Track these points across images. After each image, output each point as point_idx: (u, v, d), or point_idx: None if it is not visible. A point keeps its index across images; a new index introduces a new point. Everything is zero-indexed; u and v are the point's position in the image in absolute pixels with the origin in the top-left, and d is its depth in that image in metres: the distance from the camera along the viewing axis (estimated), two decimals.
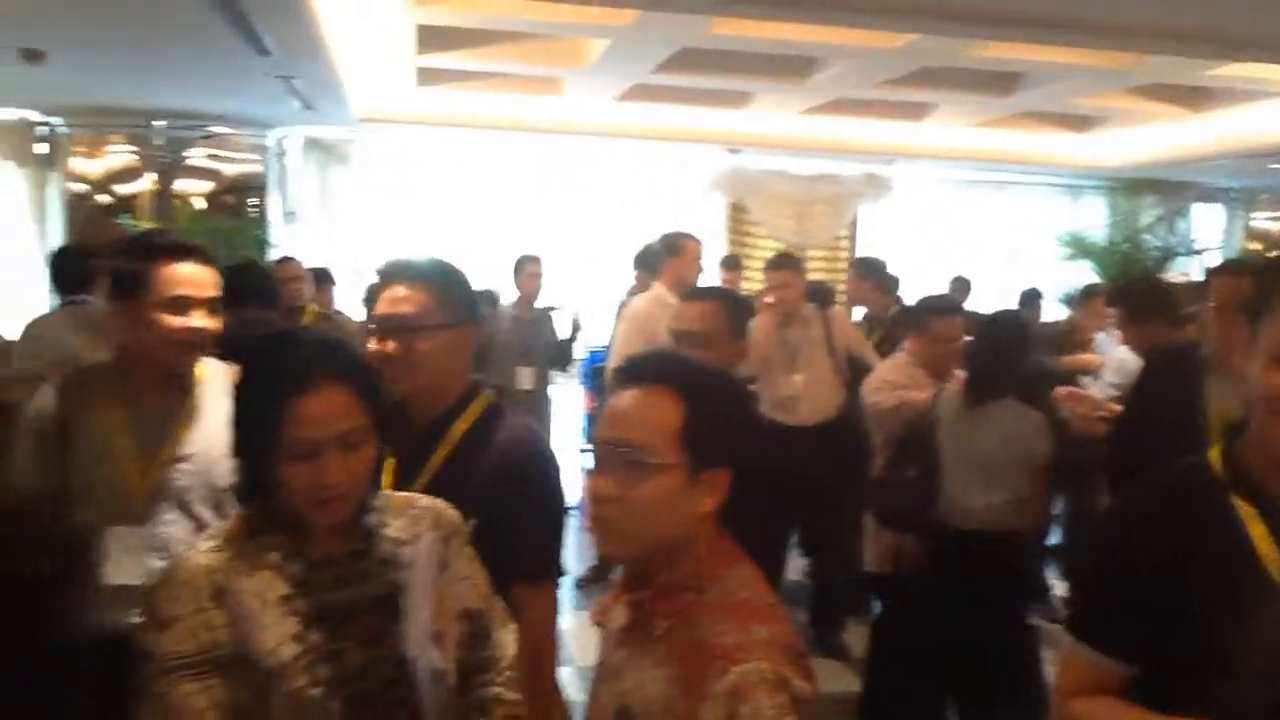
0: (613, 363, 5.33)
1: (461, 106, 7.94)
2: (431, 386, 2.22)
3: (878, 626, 4.37)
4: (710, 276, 6.86)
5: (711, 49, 6.16)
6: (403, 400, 2.22)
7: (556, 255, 7.69)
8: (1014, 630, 3.95)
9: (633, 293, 6.59)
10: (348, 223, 9.11)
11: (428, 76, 7.09)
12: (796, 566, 5.98)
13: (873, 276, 6.91)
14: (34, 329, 4.75)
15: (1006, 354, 3.94)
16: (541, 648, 2.14)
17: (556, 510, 2.23)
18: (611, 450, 1.57)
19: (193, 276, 2.39)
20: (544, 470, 2.21)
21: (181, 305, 2.37)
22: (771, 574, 1.80)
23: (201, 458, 2.38)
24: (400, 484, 2.06)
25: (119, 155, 8.09)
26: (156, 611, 1.64)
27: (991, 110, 7.83)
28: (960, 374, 4.08)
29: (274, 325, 3.69)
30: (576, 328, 7.00)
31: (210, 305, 2.42)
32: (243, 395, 1.72)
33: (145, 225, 7.30)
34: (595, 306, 7.41)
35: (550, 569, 2.21)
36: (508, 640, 1.90)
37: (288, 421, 1.62)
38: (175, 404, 2.43)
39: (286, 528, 1.70)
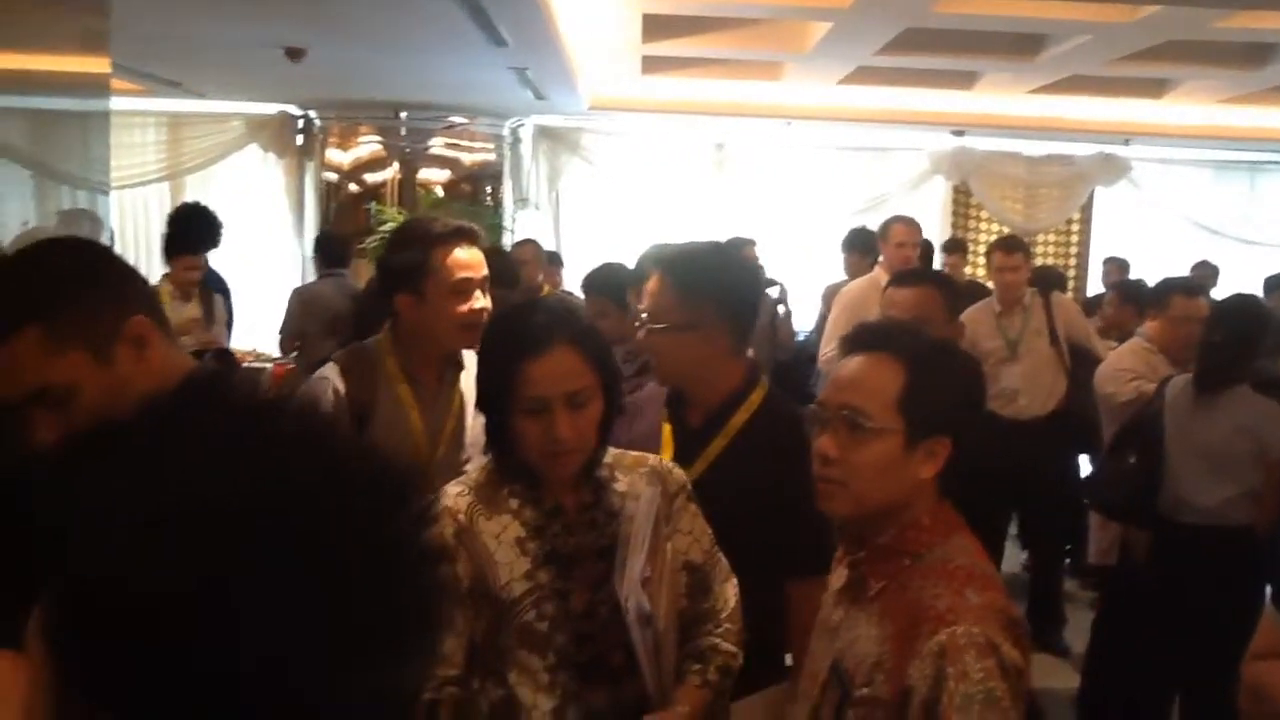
0: (825, 347, 5.34)
1: (685, 93, 8.11)
2: (701, 377, 2.27)
3: (1100, 621, 4.25)
4: (933, 261, 6.75)
5: (936, 28, 6.07)
6: (679, 388, 2.33)
7: (774, 239, 7.75)
8: (1244, 628, 3.76)
9: (849, 276, 6.56)
10: (575, 207, 9.44)
11: (652, 64, 7.28)
12: (1015, 560, 5.86)
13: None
14: (304, 293, 6.26)
15: (1242, 340, 3.74)
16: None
17: None
18: (834, 413, 1.65)
19: (471, 260, 2.49)
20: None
21: (464, 288, 2.46)
22: None
23: (476, 431, 2.49)
24: None
25: (367, 146, 8.68)
26: None
27: (1240, 85, 7.36)
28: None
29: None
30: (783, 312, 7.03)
31: (484, 286, 2.52)
32: (485, 357, 1.92)
33: (391, 212, 7.81)
34: (806, 290, 7.40)
35: (824, 565, 2.18)
36: (728, 594, 2.00)
37: (522, 380, 1.79)
38: (450, 381, 2.57)
39: (524, 478, 1.87)
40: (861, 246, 6.24)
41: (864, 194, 9.34)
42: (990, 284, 5.65)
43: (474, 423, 2.50)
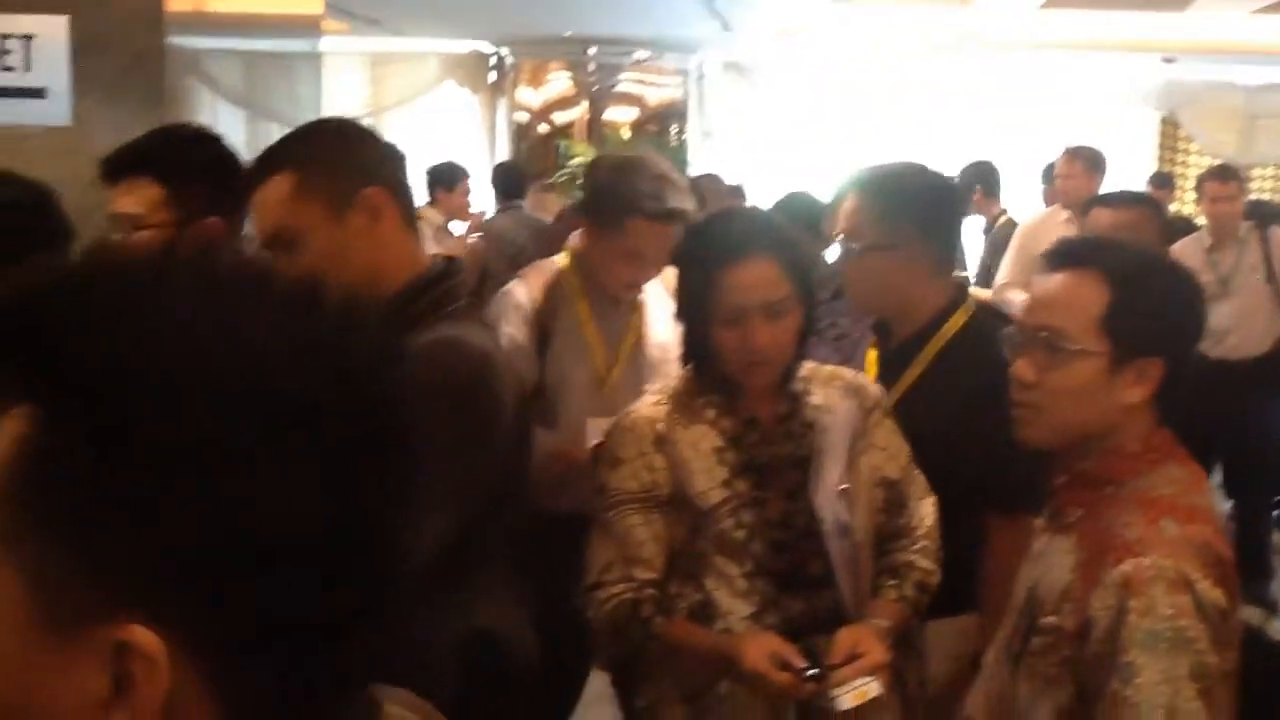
0: (1000, 279, 5.26)
1: (872, 22, 7.90)
2: (901, 300, 2.22)
3: None
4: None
5: None
6: (879, 314, 2.32)
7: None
8: None
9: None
10: (760, 142, 9.37)
11: None
12: (1220, 510, 5.59)
13: None
14: (487, 225, 6.42)
15: None
16: (1006, 577, 2.04)
17: None
18: (1032, 334, 1.58)
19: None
20: None
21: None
22: None
23: (656, 349, 2.58)
24: None
25: (557, 84, 8.82)
26: (610, 452, 1.91)
27: None
28: None
29: None
30: None
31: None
32: (683, 266, 1.94)
33: (581, 147, 7.94)
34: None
35: (1024, 499, 2.03)
36: (925, 511, 1.99)
37: (719, 289, 1.81)
38: (631, 300, 2.62)
39: (720, 388, 1.90)
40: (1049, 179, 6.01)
41: (1061, 127, 8.91)
42: (1200, 220, 5.35)
43: (658, 343, 2.58)
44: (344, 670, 0.59)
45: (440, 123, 9.08)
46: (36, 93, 2.53)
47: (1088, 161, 5.32)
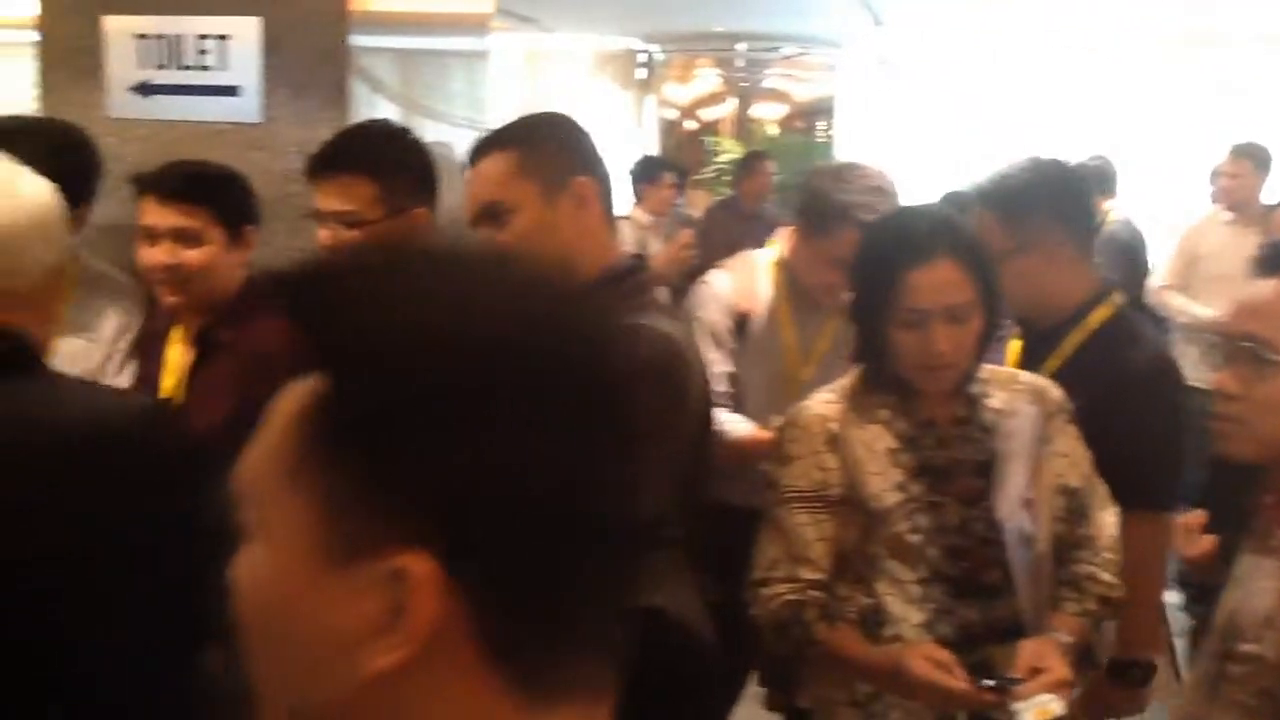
0: (1159, 281, 5.09)
1: (1028, 12, 7.65)
2: (1044, 297, 2.19)
3: None
4: None
5: None
6: (1026, 316, 2.27)
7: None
8: None
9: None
10: (907, 137, 9.19)
11: None
12: None
13: None
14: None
15: None
16: (1147, 579, 2.08)
17: (1174, 435, 2.13)
18: (1236, 344, 1.51)
19: None
20: (1162, 390, 2.11)
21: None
22: None
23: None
24: None
25: (705, 80, 8.84)
26: (781, 449, 1.90)
27: None
28: None
29: None
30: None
31: None
32: (862, 264, 1.90)
33: (729, 143, 7.94)
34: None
35: (1162, 500, 2.10)
36: (1107, 522, 1.92)
37: (901, 291, 1.76)
38: (831, 306, 2.54)
39: (896, 388, 1.86)
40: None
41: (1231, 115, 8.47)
42: None
43: None
44: (592, 629, 0.64)
45: (590, 120, 9.17)
46: (230, 90, 2.65)
47: (1255, 160, 5.07)
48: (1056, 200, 2.20)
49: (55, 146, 2.02)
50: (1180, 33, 7.75)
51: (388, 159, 2.05)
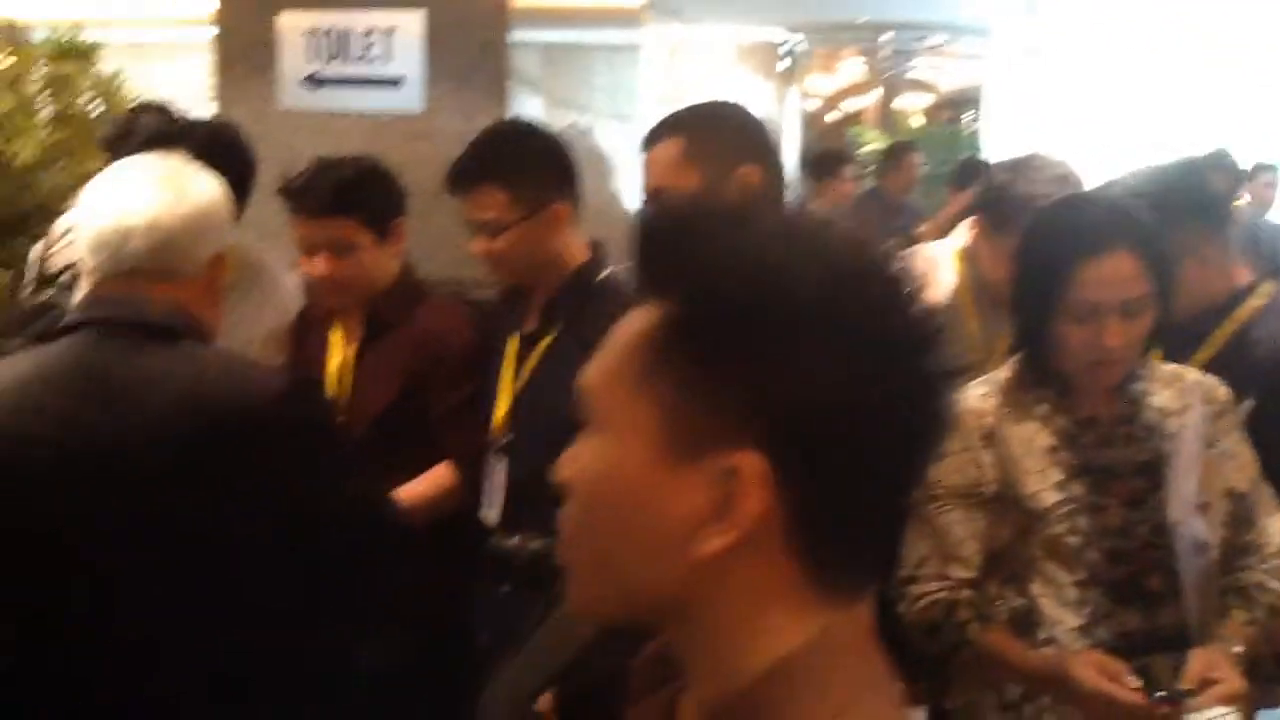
0: None
1: (1183, 6, 7.33)
2: (1198, 295, 2.12)
3: None
4: None
5: None
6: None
7: None
8: None
9: None
10: (1055, 126, 8.89)
11: None
12: None
13: None
14: None
15: None
16: None
17: None
18: None
19: None
20: None
21: None
22: None
23: None
24: None
25: (849, 70, 8.73)
26: None
27: None
28: None
29: None
30: None
31: None
32: (1030, 253, 1.83)
33: (873, 134, 7.83)
34: None
35: None
36: (1274, 529, 1.84)
37: (1073, 283, 1.70)
38: None
39: (1056, 383, 1.81)
40: None
41: None
42: None
43: None
44: (878, 533, 0.73)
45: None
46: (394, 82, 2.75)
47: None
48: (1196, 202, 2.15)
49: (208, 147, 2.11)
50: None
51: (516, 162, 2.10)
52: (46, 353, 1.49)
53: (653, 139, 1.82)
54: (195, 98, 3.01)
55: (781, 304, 0.67)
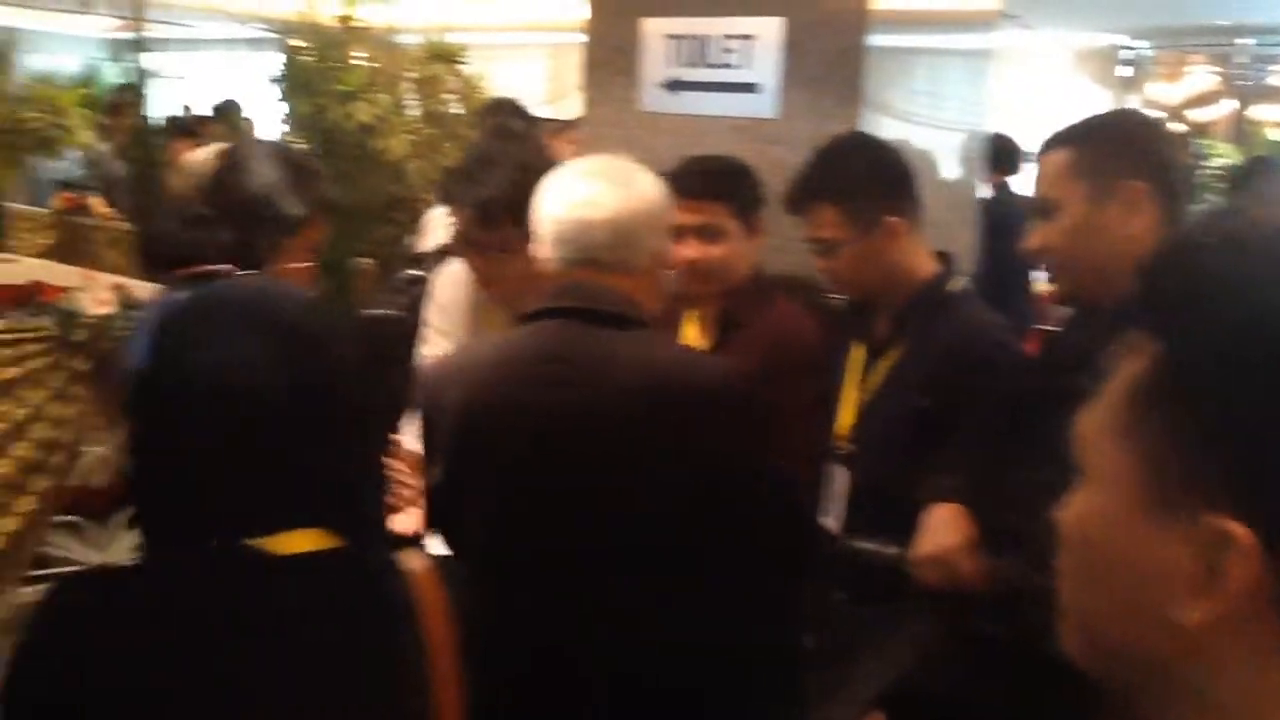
0: None
1: None
2: None
3: None
4: None
5: None
6: None
7: None
8: None
9: None
10: None
11: None
12: None
13: None
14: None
15: None
16: None
17: None
18: None
19: None
20: None
21: None
22: None
23: None
24: None
25: (1198, 78, 8.11)
26: None
27: None
28: None
29: None
30: None
31: None
32: None
33: (1224, 148, 7.25)
34: None
35: None
36: None
37: None
38: None
39: None
40: None
41: None
42: None
43: None
44: None
45: (1063, 120, 8.73)
46: (750, 87, 2.80)
47: None
48: None
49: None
50: None
51: (847, 180, 2.09)
52: (522, 333, 1.67)
53: (1045, 149, 1.79)
54: (535, 95, 3.18)
55: (1261, 365, 0.61)
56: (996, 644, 1.47)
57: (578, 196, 1.66)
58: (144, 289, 4.26)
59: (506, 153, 2.28)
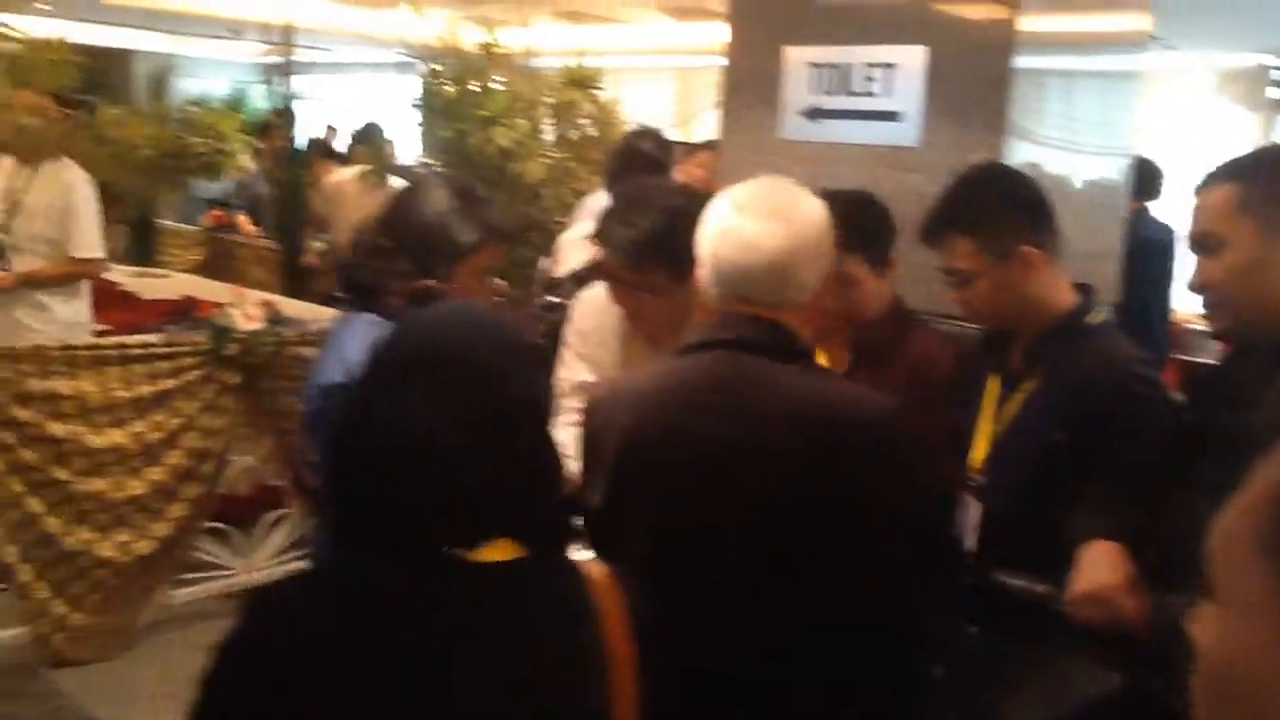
0: None
1: None
2: None
3: None
4: None
5: None
6: None
7: None
8: None
9: None
10: None
11: None
12: None
13: None
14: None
15: None
16: None
17: None
18: None
19: None
20: None
21: None
22: None
23: None
24: None
25: None
26: None
27: None
28: None
29: None
30: None
31: None
32: None
33: None
34: None
35: None
36: None
37: None
38: None
39: None
40: None
41: None
42: None
43: None
44: None
45: (1205, 143, 8.42)
46: (890, 115, 2.79)
47: None
48: None
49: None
50: None
51: (981, 211, 2.08)
52: (685, 363, 1.71)
53: (1205, 183, 1.76)
54: (663, 118, 3.21)
55: None
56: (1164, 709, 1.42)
57: (738, 238, 1.65)
58: (290, 306, 4.45)
59: (659, 192, 2.31)
